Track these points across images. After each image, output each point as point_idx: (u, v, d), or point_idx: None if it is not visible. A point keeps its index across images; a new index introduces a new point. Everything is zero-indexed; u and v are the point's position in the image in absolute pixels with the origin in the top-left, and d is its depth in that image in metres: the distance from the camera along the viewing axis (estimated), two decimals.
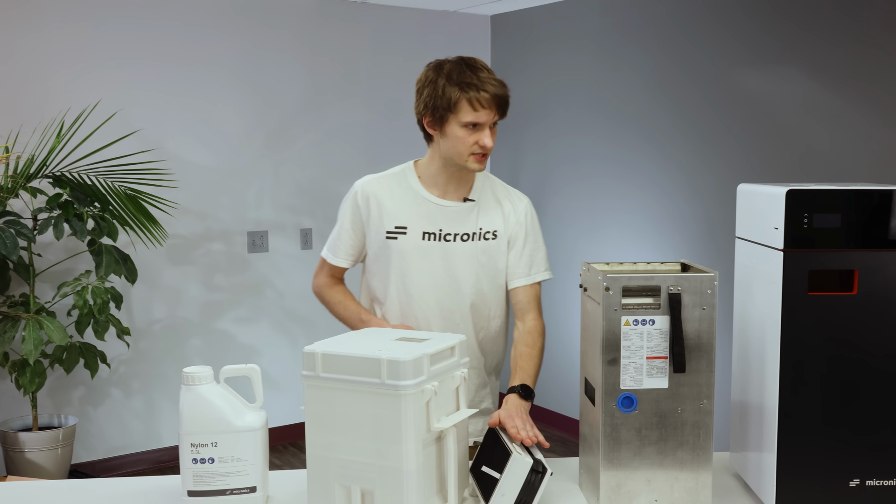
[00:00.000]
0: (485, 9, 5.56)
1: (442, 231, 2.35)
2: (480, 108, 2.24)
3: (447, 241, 2.35)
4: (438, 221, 2.36)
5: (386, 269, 2.39)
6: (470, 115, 2.24)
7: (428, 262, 2.35)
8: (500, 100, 2.25)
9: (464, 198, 2.38)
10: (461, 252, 2.35)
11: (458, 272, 2.35)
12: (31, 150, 4.27)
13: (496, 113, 2.26)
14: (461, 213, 2.36)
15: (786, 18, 4.05)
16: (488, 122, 2.25)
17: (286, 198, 5.17)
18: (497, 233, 2.37)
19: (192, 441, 1.81)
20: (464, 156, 2.27)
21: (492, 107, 2.25)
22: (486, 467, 1.77)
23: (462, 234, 2.36)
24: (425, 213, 2.36)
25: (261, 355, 5.10)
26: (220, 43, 4.91)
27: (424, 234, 2.35)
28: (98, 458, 4.75)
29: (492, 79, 2.26)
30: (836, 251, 1.69)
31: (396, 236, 2.36)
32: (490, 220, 2.38)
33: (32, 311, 4.08)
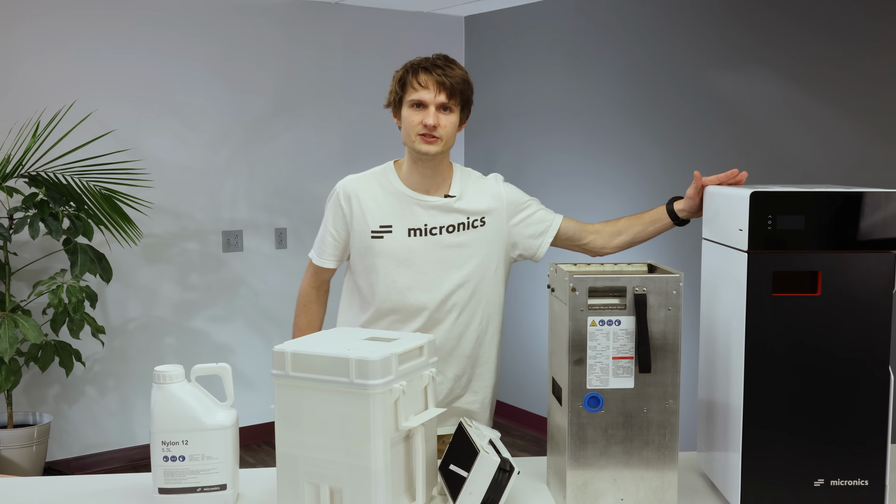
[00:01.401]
0: (459, 10, 5.58)
1: (427, 226, 2.37)
2: (420, 88, 2.30)
3: (434, 235, 2.37)
4: (422, 217, 2.38)
5: (373, 268, 2.39)
6: (413, 93, 2.30)
7: (416, 258, 2.36)
8: (443, 81, 2.30)
9: (445, 195, 2.40)
10: (449, 244, 2.37)
11: (450, 263, 2.37)
12: (6, 149, 4.25)
13: (439, 92, 2.30)
14: (444, 208, 2.39)
15: (758, 20, 4.09)
16: (432, 102, 2.30)
17: (261, 197, 5.17)
18: (485, 218, 2.40)
19: (163, 439, 1.81)
20: (412, 136, 2.33)
21: (433, 86, 2.30)
22: (453, 465, 1.78)
23: (448, 225, 2.38)
24: (409, 209, 2.38)
25: (235, 354, 5.10)
26: (196, 43, 4.91)
27: (410, 230, 2.37)
28: (72, 455, 4.74)
29: (444, 64, 2.33)
30: (799, 253, 1.72)
31: (382, 235, 2.37)
32: (475, 206, 2.41)
33: (8, 309, 4.07)
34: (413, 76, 2.32)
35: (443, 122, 2.31)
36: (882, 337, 1.73)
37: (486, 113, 5.70)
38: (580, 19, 5.03)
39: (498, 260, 2.44)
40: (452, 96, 2.31)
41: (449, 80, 2.30)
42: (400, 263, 2.36)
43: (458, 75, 2.33)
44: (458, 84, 2.32)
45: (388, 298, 2.38)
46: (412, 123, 2.32)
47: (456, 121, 2.36)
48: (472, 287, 2.39)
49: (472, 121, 5.79)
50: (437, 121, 2.30)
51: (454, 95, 2.32)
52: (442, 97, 2.30)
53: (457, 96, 2.32)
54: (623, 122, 4.81)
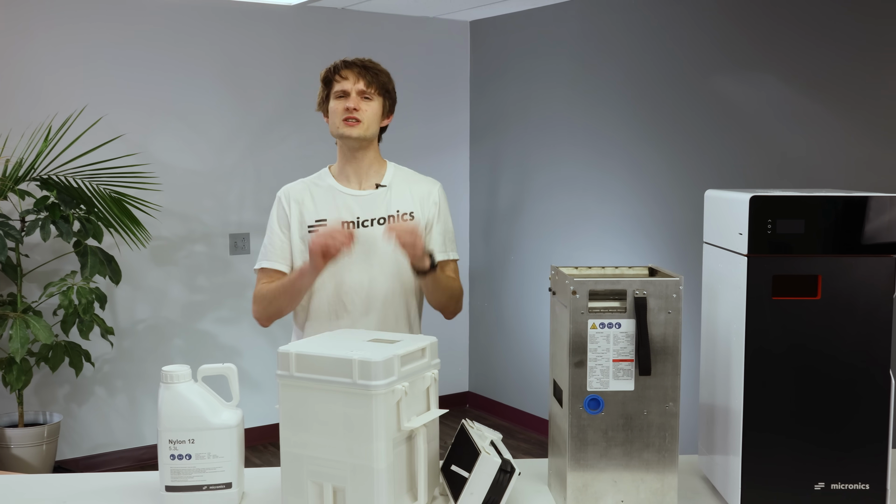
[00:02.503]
0: (464, 15, 5.61)
1: (360, 218, 2.53)
2: (342, 80, 2.50)
3: (365, 227, 2.52)
4: (355, 210, 2.53)
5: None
6: (336, 85, 2.51)
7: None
8: (361, 72, 2.51)
9: (376, 184, 2.56)
10: (380, 236, 2.49)
11: (381, 254, 2.50)
12: (19, 153, 4.30)
13: (358, 80, 2.50)
14: (375, 200, 2.55)
15: (762, 26, 4.11)
16: (353, 90, 2.49)
17: (268, 200, 5.14)
18: (414, 214, 2.55)
19: (169, 437, 1.84)
20: (337, 123, 2.50)
21: (352, 76, 2.50)
22: (455, 466, 1.80)
23: (378, 218, 2.53)
24: (342, 204, 2.54)
25: (241, 356, 5.14)
26: (204, 49, 4.95)
27: (343, 223, 2.52)
28: (82, 454, 4.78)
29: (363, 60, 2.55)
30: (800, 256, 1.73)
31: (317, 229, 2.51)
32: (404, 202, 2.56)
33: (19, 310, 4.11)
34: (335, 72, 2.53)
35: (363, 107, 2.51)
36: (882, 341, 1.73)
37: (491, 118, 5.72)
38: (585, 25, 5.04)
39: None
40: (371, 84, 2.51)
41: (368, 71, 2.52)
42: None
43: (378, 69, 2.56)
44: (376, 76, 2.53)
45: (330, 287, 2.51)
46: (336, 111, 2.51)
47: (377, 108, 2.54)
48: (405, 273, 2.52)
49: (476, 126, 5.84)
50: (357, 104, 2.49)
51: (373, 84, 2.51)
52: (361, 85, 2.51)
53: (375, 85, 2.52)
54: (628, 128, 4.82)
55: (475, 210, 5.90)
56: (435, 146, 5.69)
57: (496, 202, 5.74)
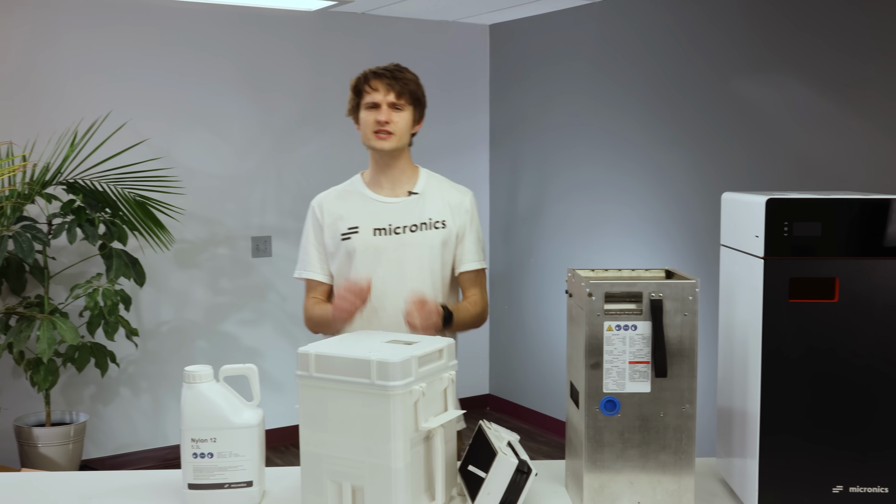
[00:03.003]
0: (484, 18, 5.63)
1: (392, 225, 2.55)
2: (372, 91, 2.50)
3: (398, 234, 2.54)
4: (387, 217, 2.55)
5: (346, 269, 2.56)
6: (367, 96, 2.51)
7: (382, 255, 2.53)
8: (391, 83, 2.50)
9: (408, 192, 2.57)
10: (413, 242, 2.53)
11: (413, 261, 2.53)
12: (46, 158, 4.36)
13: (389, 92, 2.50)
14: (408, 207, 2.56)
15: (781, 27, 4.10)
16: (384, 102, 2.50)
17: (289, 204, 5.24)
18: (446, 222, 2.56)
19: (192, 436, 1.87)
20: (368, 135, 2.52)
21: (383, 88, 2.50)
22: (472, 466, 1.82)
23: (411, 225, 2.54)
24: (374, 211, 2.57)
25: (263, 357, 5.18)
26: (227, 54, 5.00)
27: (375, 230, 2.54)
28: (107, 454, 4.84)
29: (394, 69, 2.54)
30: (816, 259, 1.72)
31: (350, 236, 2.55)
32: (437, 210, 2.57)
33: (46, 311, 4.17)
34: (365, 82, 2.53)
35: (394, 119, 2.52)
36: None
37: (511, 121, 5.73)
38: (604, 28, 5.05)
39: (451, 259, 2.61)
40: (402, 95, 2.51)
41: (398, 82, 2.51)
42: (368, 260, 2.53)
43: (407, 78, 2.55)
44: (406, 85, 2.52)
45: None
46: (367, 123, 2.53)
47: (408, 118, 2.54)
48: (436, 280, 2.55)
49: (496, 129, 5.85)
50: (388, 117, 2.50)
51: (403, 95, 2.52)
52: (391, 97, 2.51)
53: (406, 95, 2.52)
54: (647, 130, 4.82)
55: (495, 213, 5.91)
56: (455, 149, 5.70)
57: (516, 205, 5.76)
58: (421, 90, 2.58)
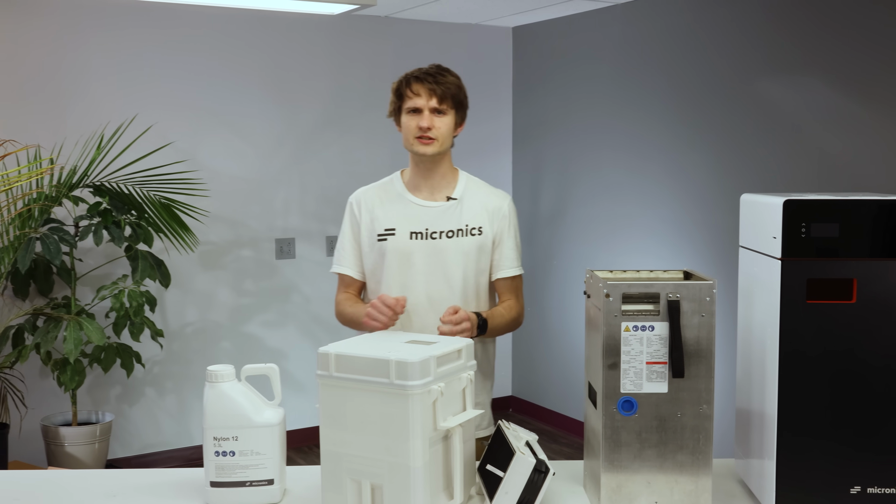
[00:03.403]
0: (506, 21, 5.64)
1: (428, 230, 2.54)
2: (414, 96, 2.48)
3: (434, 239, 2.53)
4: (424, 221, 2.54)
5: (379, 270, 2.56)
6: (409, 101, 2.49)
7: (417, 259, 2.52)
8: (433, 88, 2.47)
9: (447, 197, 2.56)
10: (448, 248, 2.52)
11: (447, 267, 2.52)
12: (73, 161, 4.42)
13: (431, 97, 2.47)
14: (446, 212, 2.55)
15: (804, 29, 4.08)
16: (426, 107, 2.48)
17: (313, 206, 5.28)
18: (482, 228, 2.55)
19: (214, 435, 1.90)
20: (410, 140, 2.50)
21: (425, 93, 2.47)
22: (490, 465, 1.84)
23: (447, 230, 2.53)
24: (412, 214, 2.55)
25: (287, 358, 5.21)
26: (250, 58, 5.05)
27: (412, 233, 2.53)
28: (132, 454, 4.89)
29: (436, 73, 2.50)
30: (834, 260, 1.73)
31: (386, 238, 2.55)
32: (475, 216, 2.56)
33: (73, 312, 4.22)
34: (407, 86, 2.51)
35: (437, 124, 2.49)
36: None
37: (534, 123, 5.74)
38: (626, 30, 5.05)
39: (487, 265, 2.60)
40: (444, 100, 2.49)
41: (440, 86, 2.49)
42: (402, 263, 2.53)
43: (449, 81, 2.52)
44: (448, 89, 2.50)
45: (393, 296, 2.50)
46: (410, 128, 2.51)
47: (450, 122, 2.52)
48: (470, 286, 2.55)
49: (519, 131, 5.86)
50: (431, 123, 2.48)
51: (446, 99, 2.50)
52: (434, 102, 2.49)
53: (448, 100, 2.50)
54: (669, 133, 4.82)
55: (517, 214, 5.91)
56: (478, 151, 5.72)
57: (539, 207, 5.76)
58: (463, 93, 2.56)
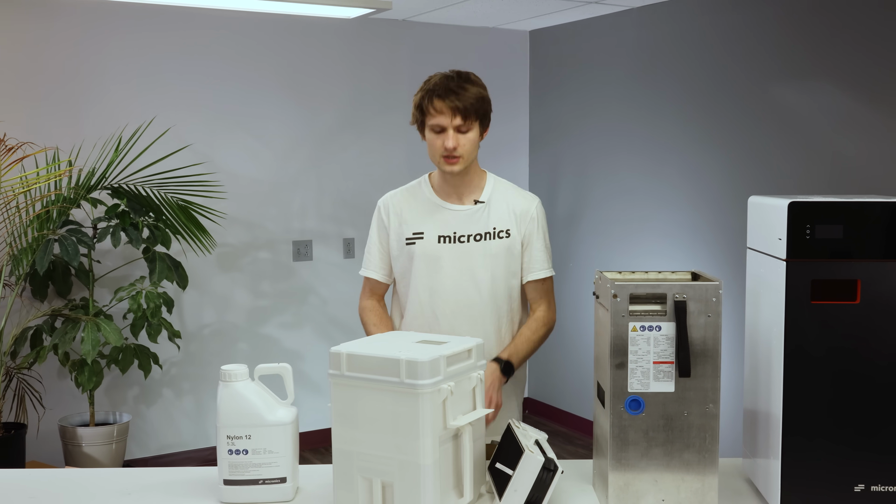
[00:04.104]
0: (523, 24, 5.66)
1: (456, 233, 2.54)
2: (437, 114, 2.43)
3: (462, 243, 2.53)
4: (452, 225, 2.54)
5: (408, 273, 2.57)
6: (431, 118, 2.44)
7: (445, 263, 2.53)
8: (456, 105, 2.41)
9: (475, 200, 2.56)
10: (476, 251, 2.53)
11: (475, 270, 2.53)
12: (91, 163, 4.47)
13: (455, 116, 2.42)
14: (473, 216, 2.55)
15: (818, 33, 4.09)
16: (450, 126, 2.43)
17: (330, 208, 5.32)
18: (510, 231, 2.55)
19: (228, 433, 1.93)
20: (437, 159, 2.48)
21: (448, 111, 2.42)
22: (499, 464, 1.86)
23: (475, 234, 2.54)
24: (440, 218, 2.55)
25: (304, 360, 5.25)
26: (267, 61, 5.09)
27: (440, 237, 2.54)
28: (149, 454, 4.94)
29: (457, 88, 2.43)
30: (838, 261, 1.75)
31: (415, 241, 2.55)
32: (502, 219, 2.55)
33: (91, 313, 4.27)
34: (429, 103, 2.44)
35: (461, 142, 2.45)
36: None
37: (550, 126, 5.76)
38: (642, 34, 5.06)
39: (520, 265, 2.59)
40: (468, 116, 2.44)
41: (462, 102, 2.42)
42: (431, 267, 2.54)
43: (472, 95, 2.44)
44: (471, 105, 2.43)
45: (421, 300, 2.56)
46: (435, 146, 2.47)
47: (475, 137, 2.49)
48: (499, 289, 2.55)
49: (535, 134, 5.88)
50: (456, 142, 2.44)
51: (469, 116, 2.44)
52: (458, 120, 2.43)
53: (472, 116, 2.45)
54: (685, 136, 4.83)
55: None
56: (495, 153, 5.73)
57: (555, 209, 5.78)
58: (487, 101, 2.50)
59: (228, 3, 4.54)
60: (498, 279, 2.54)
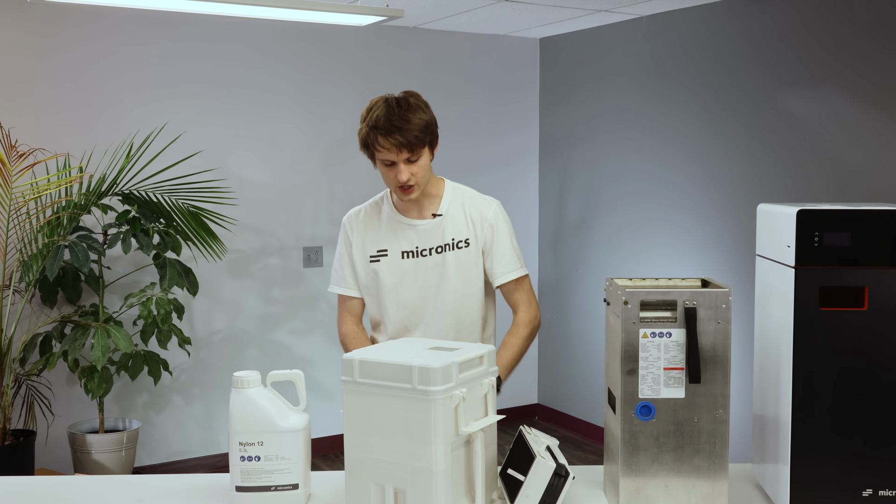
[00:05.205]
0: (534, 32, 5.67)
1: (418, 248, 2.59)
2: (384, 150, 2.43)
3: (424, 257, 2.58)
4: (413, 240, 2.59)
5: (376, 290, 2.64)
6: (379, 154, 2.45)
7: (411, 277, 2.59)
8: (400, 142, 2.41)
9: (433, 214, 2.60)
10: (437, 264, 2.57)
11: (440, 282, 2.58)
12: (102, 169, 4.50)
13: (401, 151, 2.42)
14: (432, 229, 2.59)
15: (827, 39, 4.09)
16: (399, 160, 2.44)
17: (340, 214, 5.24)
18: (468, 240, 2.58)
19: (240, 440, 1.94)
20: (392, 188, 2.53)
21: (393, 148, 2.42)
22: (511, 469, 1.87)
23: (436, 247, 2.58)
24: (401, 234, 2.60)
25: (314, 366, 5.26)
26: (279, 67, 5.11)
27: (403, 253, 2.59)
28: (159, 461, 4.95)
29: (399, 122, 2.39)
30: (846, 268, 1.77)
31: (379, 259, 2.61)
32: (459, 230, 2.59)
33: (101, 320, 4.28)
34: (374, 140, 2.44)
35: (413, 171, 2.48)
36: None
37: (560, 133, 5.77)
38: (652, 42, 5.08)
39: (482, 273, 2.63)
40: (413, 148, 2.44)
41: (406, 137, 2.41)
42: (397, 283, 2.60)
43: (416, 126, 2.43)
44: (416, 137, 2.42)
45: (393, 317, 2.62)
46: (389, 178, 2.51)
47: (426, 162, 2.50)
48: (465, 299, 2.60)
49: (545, 141, 5.90)
50: (408, 174, 2.46)
51: (416, 147, 2.44)
52: (405, 154, 2.44)
53: (418, 146, 2.45)
54: (695, 143, 4.84)
55: (544, 224, 5.95)
56: (505, 160, 5.76)
57: (565, 216, 5.79)
58: (431, 125, 2.48)
59: (240, 10, 4.55)
60: (464, 288, 2.59)
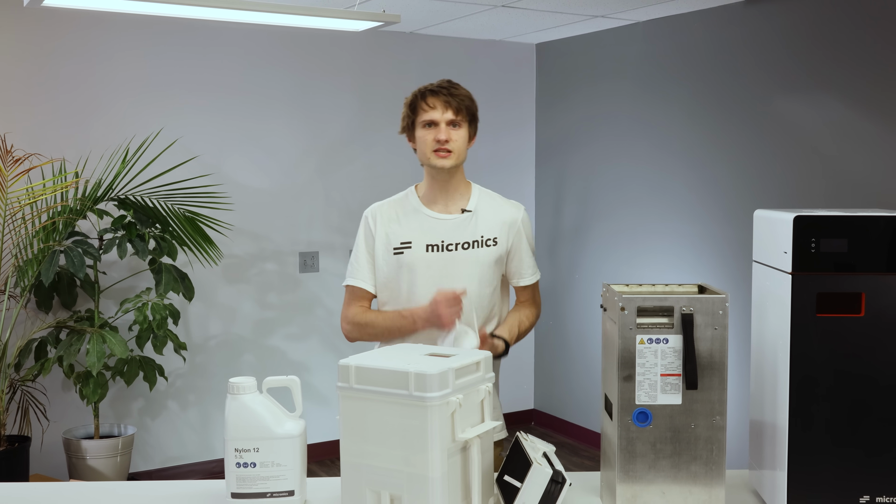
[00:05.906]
0: (530, 37, 5.68)
1: (444, 242, 2.59)
2: (430, 109, 2.52)
3: (449, 251, 2.59)
4: (440, 234, 2.60)
5: (397, 283, 2.62)
6: (424, 114, 2.53)
7: (433, 271, 2.58)
8: (449, 100, 2.53)
9: (462, 209, 2.61)
10: (463, 260, 2.58)
11: (462, 278, 2.57)
12: (98, 174, 4.49)
13: (447, 110, 2.52)
14: (461, 224, 2.60)
15: (824, 45, 4.10)
16: (442, 120, 2.52)
17: (336, 220, 5.33)
18: (497, 239, 2.61)
19: (235, 446, 1.93)
20: (427, 154, 2.55)
21: (440, 105, 2.52)
22: (507, 476, 1.87)
23: (462, 242, 2.59)
24: (427, 227, 2.61)
25: (310, 372, 5.26)
26: (275, 72, 5.11)
27: (428, 246, 2.59)
28: (154, 467, 4.94)
29: (449, 86, 2.56)
30: (843, 275, 1.76)
31: (403, 251, 2.60)
32: (490, 228, 2.61)
33: (96, 325, 4.28)
34: (422, 99, 2.56)
35: (453, 137, 2.55)
36: None
37: (557, 138, 5.78)
38: (648, 47, 5.08)
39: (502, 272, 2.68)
40: (459, 112, 2.55)
41: (454, 98, 2.54)
42: (419, 276, 2.59)
43: (463, 94, 2.57)
44: (462, 101, 2.55)
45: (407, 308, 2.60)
46: (426, 141, 2.55)
47: (465, 135, 2.58)
48: (485, 296, 2.61)
49: (542, 147, 5.90)
50: (448, 135, 2.53)
51: (461, 111, 2.55)
52: (449, 114, 2.54)
53: (463, 111, 2.56)
54: (691, 148, 4.84)
55: (540, 229, 5.95)
56: (501, 166, 5.76)
57: (561, 221, 5.79)
58: (475, 106, 2.62)
59: (236, 15, 4.56)
60: (483, 286, 2.60)
